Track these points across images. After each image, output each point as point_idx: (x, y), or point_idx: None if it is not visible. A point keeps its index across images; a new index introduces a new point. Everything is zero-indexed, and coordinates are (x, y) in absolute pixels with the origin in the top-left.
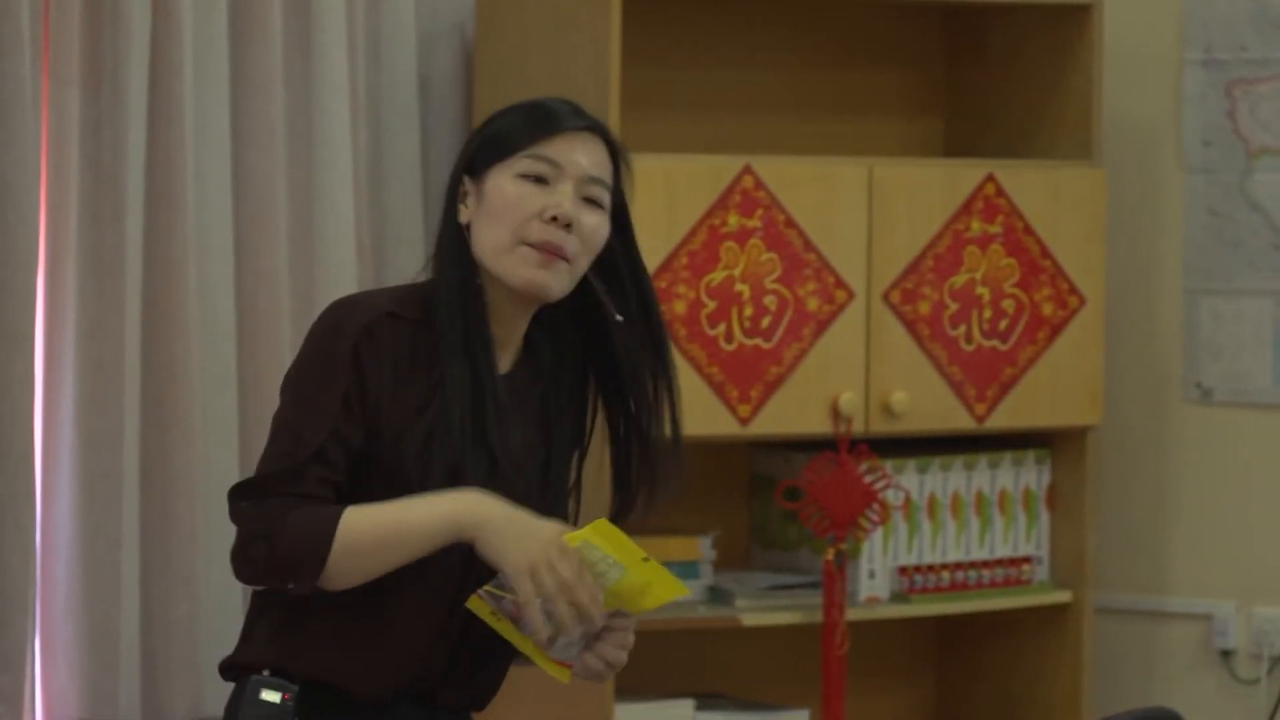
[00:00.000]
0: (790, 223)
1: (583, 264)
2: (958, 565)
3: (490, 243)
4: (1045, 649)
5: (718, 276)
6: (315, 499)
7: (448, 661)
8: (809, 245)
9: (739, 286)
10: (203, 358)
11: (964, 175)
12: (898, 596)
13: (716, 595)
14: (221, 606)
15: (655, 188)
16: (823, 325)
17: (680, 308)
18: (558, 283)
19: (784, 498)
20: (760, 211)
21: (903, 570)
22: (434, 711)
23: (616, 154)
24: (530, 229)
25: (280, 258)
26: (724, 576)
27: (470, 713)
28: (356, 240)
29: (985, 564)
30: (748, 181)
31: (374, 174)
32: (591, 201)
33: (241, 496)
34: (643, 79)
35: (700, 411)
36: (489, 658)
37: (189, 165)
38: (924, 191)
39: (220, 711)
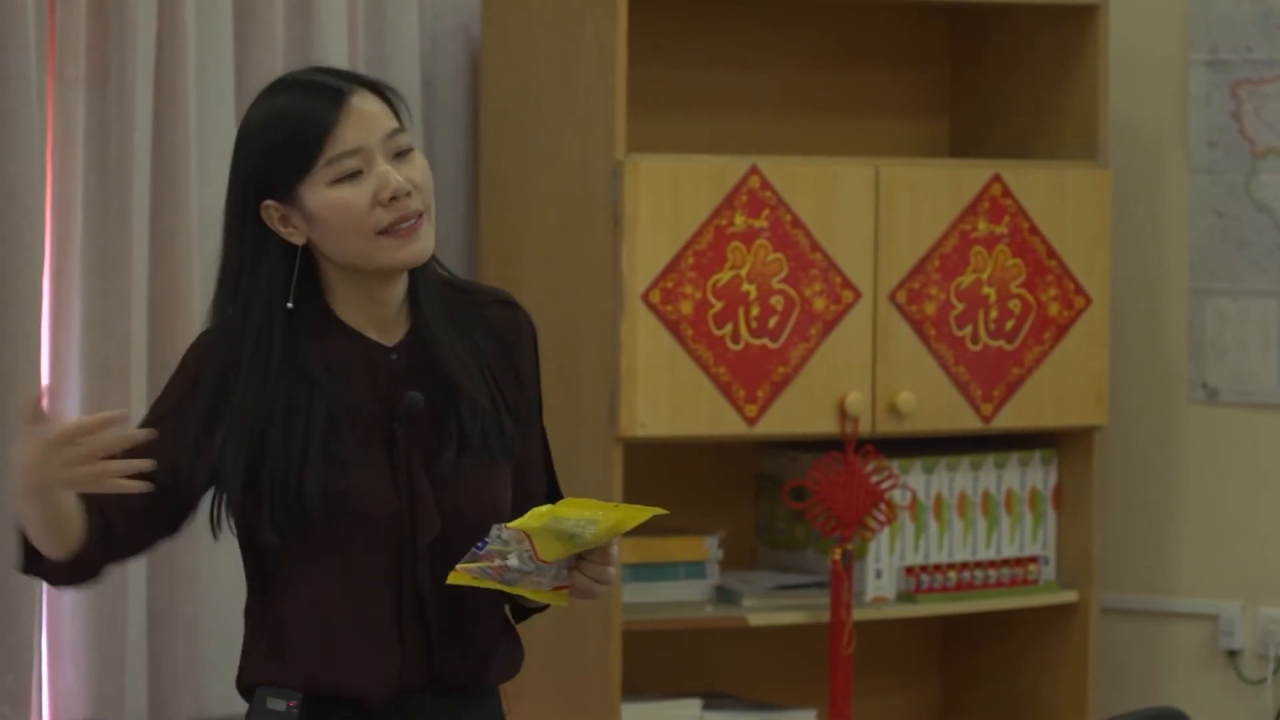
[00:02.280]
0: (797, 223)
1: (431, 206)
2: (964, 565)
3: (351, 251)
4: (1051, 649)
5: (724, 277)
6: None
7: (426, 633)
8: (815, 245)
9: (745, 286)
10: None
11: (970, 175)
12: (904, 596)
13: (723, 595)
14: (226, 607)
15: (661, 188)
16: (829, 325)
17: (687, 308)
18: (427, 243)
19: (791, 498)
20: (767, 212)
21: (909, 570)
22: (447, 699)
23: (380, 89)
24: (377, 219)
25: None
26: (730, 576)
27: (486, 693)
28: None
29: (991, 564)
30: (754, 182)
31: None
32: (402, 152)
33: None
34: (649, 79)
35: (707, 411)
36: (471, 616)
37: (193, 165)
38: (930, 192)
39: (223, 711)
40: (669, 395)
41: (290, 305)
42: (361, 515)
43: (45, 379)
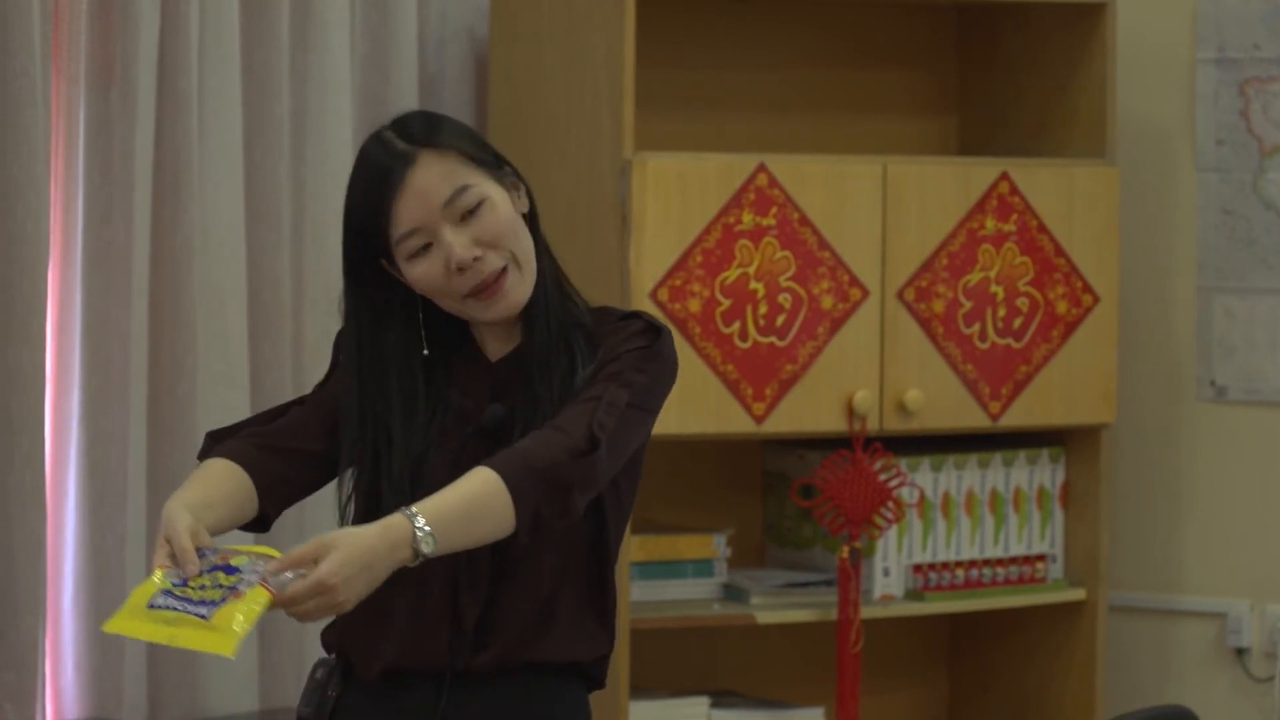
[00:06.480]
0: (805, 221)
1: (521, 250)
2: (972, 563)
3: (448, 308)
4: (1059, 647)
5: (732, 275)
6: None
7: (455, 622)
8: (823, 243)
9: (754, 285)
10: (209, 356)
11: (978, 174)
12: (912, 594)
13: (731, 593)
14: None
15: (669, 187)
16: (837, 323)
17: (695, 306)
18: (517, 295)
19: (799, 496)
20: (775, 210)
21: (917, 568)
22: (467, 684)
23: (446, 143)
24: (455, 288)
25: (285, 256)
26: (738, 574)
27: (522, 672)
28: None
29: (999, 562)
30: (762, 180)
31: None
32: (470, 210)
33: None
34: (657, 79)
35: (715, 409)
36: (505, 610)
37: (195, 164)
38: (938, 190)
39: (221, 709)
40: (676, 393)
41: (426, 352)
42: None
43: (49, 377)
